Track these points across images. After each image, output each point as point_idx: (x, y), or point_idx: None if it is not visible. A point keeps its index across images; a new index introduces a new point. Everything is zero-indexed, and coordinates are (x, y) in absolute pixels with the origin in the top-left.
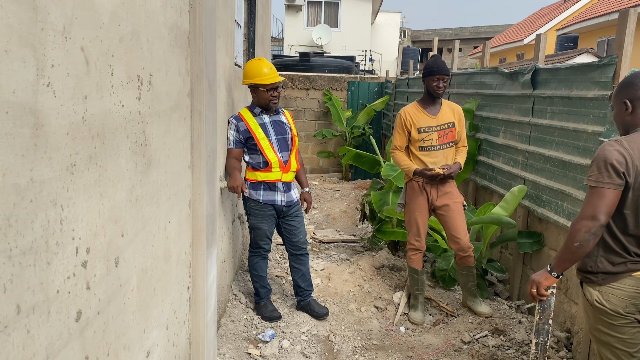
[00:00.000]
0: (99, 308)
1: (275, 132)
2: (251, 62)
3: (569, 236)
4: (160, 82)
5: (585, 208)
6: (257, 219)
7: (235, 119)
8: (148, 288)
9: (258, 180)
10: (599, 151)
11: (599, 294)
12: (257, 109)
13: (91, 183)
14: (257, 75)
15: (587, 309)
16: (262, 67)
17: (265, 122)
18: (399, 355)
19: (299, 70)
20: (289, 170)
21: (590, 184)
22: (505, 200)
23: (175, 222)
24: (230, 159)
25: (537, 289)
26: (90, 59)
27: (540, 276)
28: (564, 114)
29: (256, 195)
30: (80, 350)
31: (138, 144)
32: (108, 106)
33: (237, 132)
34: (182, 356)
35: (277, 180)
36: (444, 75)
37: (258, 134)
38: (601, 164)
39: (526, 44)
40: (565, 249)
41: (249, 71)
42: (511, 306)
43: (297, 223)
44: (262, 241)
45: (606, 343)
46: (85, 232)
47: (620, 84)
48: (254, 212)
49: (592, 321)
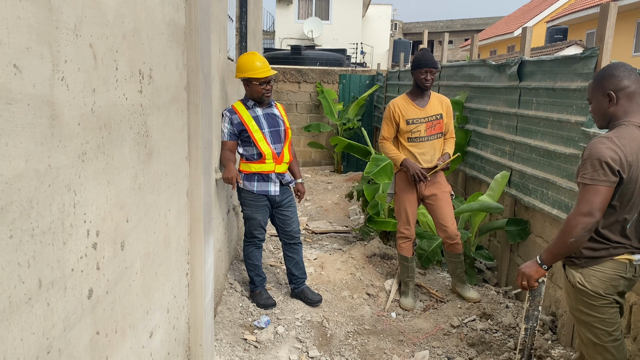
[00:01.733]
0: (108, 288)
1: (268, 125)
2: (244, 56)
3: (564, 231)
4: (160, 75)
5: (581, 205)
6: (251, 209)
7: (229, 112)
8: (150, 272)
9: (252, 171)
10: (592, 149)
11: (581, 275)
12: (251, 102)
13: (99, 170)
14: (250, 69)
15: (569, 290)
16: (254, 61)
17: (258, 115)
18: (390, 339)
19: (290, 63)
20: (282, 161)
21: (586, 182)
22: (491, 188)
23: (175, 210)
24: (225, 151)
25: (528, 281)
26: (98, 55)
27: (530, 269)
28: (549, 105)
29: (250, 186)
30: (92, 325)
31: (140, 135)
32: (113, 99)
33: (231, 124)
34: (182, 339)
35: (271, 171)
36: (432, 68)
37: (252, 127)
38: (595, 162)
39: (516, 36)
40: (560, 244)
41: (242, 65)
42: (499, 292)
43: (290, 213)
44: (257, 231)
45: (586, 323)
46: (94, 216)
47: (599, 76)
48: (248, 202)
49: (573, 302)
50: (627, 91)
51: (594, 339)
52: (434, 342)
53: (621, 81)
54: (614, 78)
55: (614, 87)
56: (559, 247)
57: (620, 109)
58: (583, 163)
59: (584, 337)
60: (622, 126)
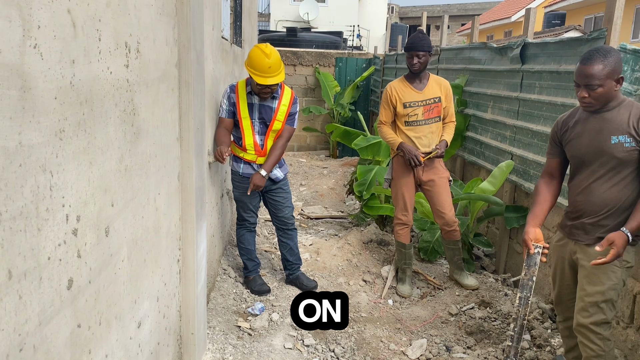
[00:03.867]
0: (90, 277)
1: (259, 115)
2: (258, 51)
3: None
4: (148, 50)
5: None
6: (238, 191)
7: (230, 88)
8: (138, 259)
9: (238, 155)
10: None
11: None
12: (249, 87)
13: (80, 150)
14: (252, 67)
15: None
16: (264, 63)
17: (253, 103)
18: (387, 327)
19: (285, 45)
20: (265, 154)
21: None
22: (493, 175)
23: (165, 194)
24: (221, 128)
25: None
26: (77, 22)
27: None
28: (553, 89)
29: (237, 167)
30: (72, 318)
31: (127, 113)
32: (96, 72)
33: (229, 102)
34: (173, 328)
35: (252, 161)
36: (419, 52)
37: (242, 112)
38: None
39: (514, 21)
40: None
41: (252, 59)
42: (497, 279)
43: (282, 199)
44: (246, 213)
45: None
46: (75, 200)
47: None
48: (236, 184)
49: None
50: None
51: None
52: (431, 330)
53: (622, 64)
54: (620, 62)
55: (621, 70)
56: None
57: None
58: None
59: (600, 316)
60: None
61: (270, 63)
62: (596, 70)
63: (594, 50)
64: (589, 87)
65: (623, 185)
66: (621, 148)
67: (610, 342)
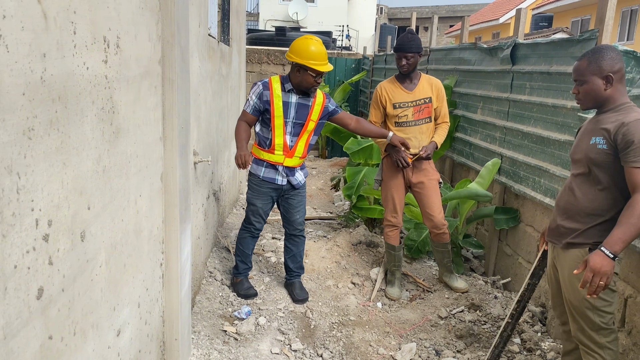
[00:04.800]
0: (64, 285)
1: (295, 115)
2: (304, 40)
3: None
4: (129, 46)
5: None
6: (252, 194)
7: (262, 85)
8: (118, 264)
9: (261, 158)
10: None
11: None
12: (289, 85)
13: (52, 150)
14: (311, 58)
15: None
16: (316, 50)
17: (291, 102)
18: (376, 330)
19: (274, 45)
20: (293, 155)
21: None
22: (481, 175)
23: (147, 196)
24: (243, 123)
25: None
26: (49, 14)
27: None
28: (543, 90)
29: (257, 170)
30: (43, 329)
31: (105, 111)
32: (71, 67)
33: (259, 99)
34: (155, 334)
35: (279, 163)
36: (407, 53)
37: (276, 111)
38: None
39: (502, 22)
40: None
41: (303, 50)
42: (487, 282)
43: (296, 202)
44: (254, 218)
45: (599, 308)
46: (46, 203)
47: (595, 57)
48: (252, 186)
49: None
50: (621, 74)
51: (602, 324)
52: (421, 333)
53: (617, 63)
54: (611, 60)
55: (611, 69)
56: (633, 234)
57: (616, 91)
58: (634, 148)
59: (590, 323)
60: (633, 106)
61: (323, 49)
62: (581, 66)
63: (591, 48)
64: (577, 83)
65: (599, 191)
66: (594, 149)
67: (612, 352)
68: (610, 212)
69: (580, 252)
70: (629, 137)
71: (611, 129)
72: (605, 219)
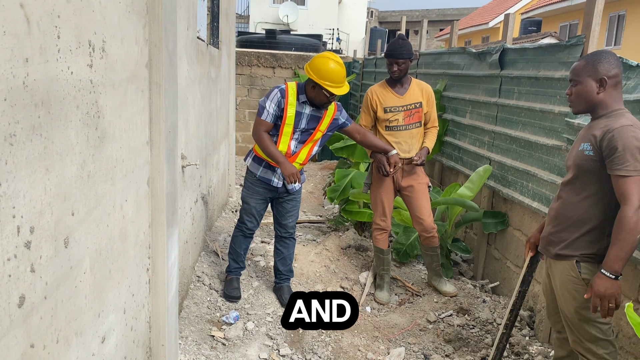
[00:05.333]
0: (46, 292)
1: (306, 124)
2: (326, 60)
3: (628, 231)
4: (115, 49)
5: (634, 198)
6: (247, 192)
7: (280, 93)
8: (103, 270)
9: (261, 157)
10: (625, 139)
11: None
12: (304, 97)
13: (35, 156)
14: (328, 79)
15: (580, 288)
16: (336, 72)
17: (303, 113)
18: (365, 335)
19: (264, 47)
20: (294, 161)
21: (630, 174)
22: (471, 180)
23: (133, 200)
24: (264, 133)
25: (616, 301)
26: (32, 18)
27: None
28: (531, 95)
29: (255, 168)
30: (25, 338)
31: (90, 116)
32: (54, 72)
33: (278, 107)
34: (142, 340)
35: (277, 166)
36: (398, 59)
37: (288, 120)
38: (635, 151)
39: (491, 27)
40: (628, 246)
41: (321, 69)
42: (475, 285)
43: (291, 207)
44: (247, 217)
45: (593, 320)
46: (28, 210)
47: (592, 59)
48: (247, 184)
49: (582, 300)
50: (616, 80)
51: (599, 335)
52: (410, 338)
53: (614, 68)
54: (608, 64)
55: (606, 73)
56: (629, 250)
57: (609, 96)
58: (618, 155)
59: (587, 334)
60: (625, 113)
61: (342, 72)
62: (578, 66)
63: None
64: (571, 83)
65: (586, 199)
66: (582, 155)
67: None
68: (597, 219)
69: (569, 265)
70: (613, 144)
71: (598, 135)
72: (591, 226)
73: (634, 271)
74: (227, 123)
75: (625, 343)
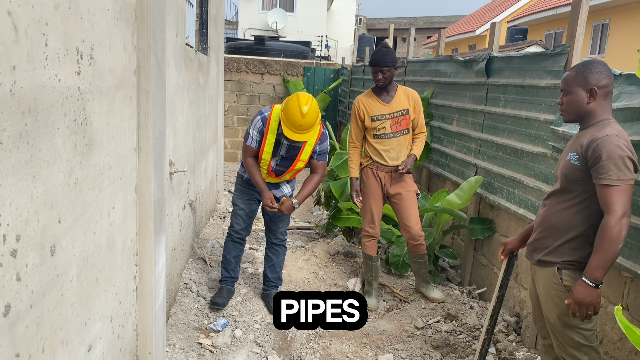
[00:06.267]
0: (32, 301)
1: (285, 154)
2: (296, 107)
3: (610, 241)
4: (103, 57)
5: (617, 208)
6: (236, 194)
7: (262, 120)
8: (90, 278)
9: None
10: (609, 149)
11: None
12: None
13: (21, 164)
14: (289, 122)
15: (562, 295)
16: (297, 121)
17: (282, 142)
18: (353, 341)
19: (253, 54)
20: (279, 180)
21: (613, 183)
22: (461, 188)
23: (120, 207)
24: (250, 158)
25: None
26: (20, 25)
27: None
28: (517, 102)
29: (243, 171)
30: (10, 347)
31: (77, 123)
32: (42, 79)
33: (260, 134)
34: (129, 348)
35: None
36: (383, 67)
37: (267, 147)
38: (619, 161)
39: (478, 34)
40: (610, 255)
41: (287, 111)
42: (463, 291)
43: (281, 214)
44: (235, 219)
45: (575, 326)
46: (14, 218)
47: (583, 69)
48: (237, 186)
49: (565, 306)
50: (607, 90)
51: (582, 341)
52: (397, 344)
53: (604, 79)
54: (599, 74)
55: (596, 83)
56: (610, 259)
57: (599, 106)
58: (602, 164)
59: (570, 341)
60: (611, 122)
61: (304, 123)
62: (569, 76)
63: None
64: (563, 93)
65: (570, 207)
66: (568, 164)
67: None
68: (580, 227)
69: (551, 271)
70: (598, 153)
71: (584, 145)
72: (574, 234)
73: (618, 277)
74: (215, 129)
75: (610, 348)
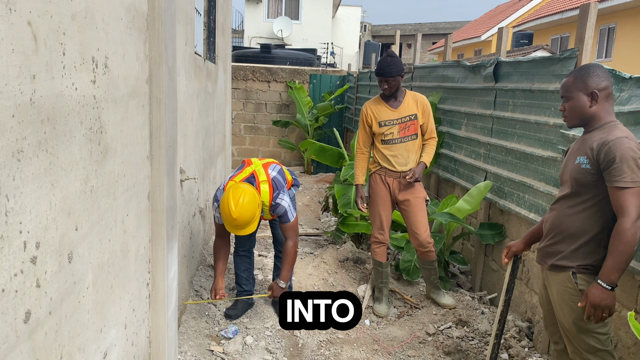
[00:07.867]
0: (51, 307)
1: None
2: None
3: (625, 243)
4: (117, 65)
5: (631, 210)
6: None
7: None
8: (105, 285)
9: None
10: (622, 151)
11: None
12: None
13: (41, 171)
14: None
15: (577, 299)
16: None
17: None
18: (365, 348)
19: (259, 62)
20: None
21: (627, 185)
22: (470, 194)
23: (134, 215)
24: (219, 238)
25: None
26: (39, 36)
27: (608, 299)
28: (526, 107)
29: None
30: (30, 353)
31: (93, 131)
32: (60, 88)
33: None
34: (142, 356)
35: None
36: (388, 78)
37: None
38: (632, 163)
39: (483, 40)
40: (625, 257)
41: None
42: (474, 297)
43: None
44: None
45: (591, 330)
46: (34, 225)
47: (581, 73)
48: None
49: (579, 311)
50: (607, 92)
51: (598, 346)
52: (409, 351)
53: (603, 81)
54: (597, 77)
55: (596, 86)
56: (625, 261)
57: (601, 109)
58: (615, 167)
59: (585, 345)
60: (618, 124)
61: (237, 222)
62: (567, 82)
63: (579, 66)
64: (563, 99)
65: (582, 211)
66: (578, 168)
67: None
68: (594, 231)
69: (565, 276)
70: (611, 156)
71: (594, 148)
72: (588, 238)
73: (631, 281)
74: (223, 137)
75: (624, 353)
